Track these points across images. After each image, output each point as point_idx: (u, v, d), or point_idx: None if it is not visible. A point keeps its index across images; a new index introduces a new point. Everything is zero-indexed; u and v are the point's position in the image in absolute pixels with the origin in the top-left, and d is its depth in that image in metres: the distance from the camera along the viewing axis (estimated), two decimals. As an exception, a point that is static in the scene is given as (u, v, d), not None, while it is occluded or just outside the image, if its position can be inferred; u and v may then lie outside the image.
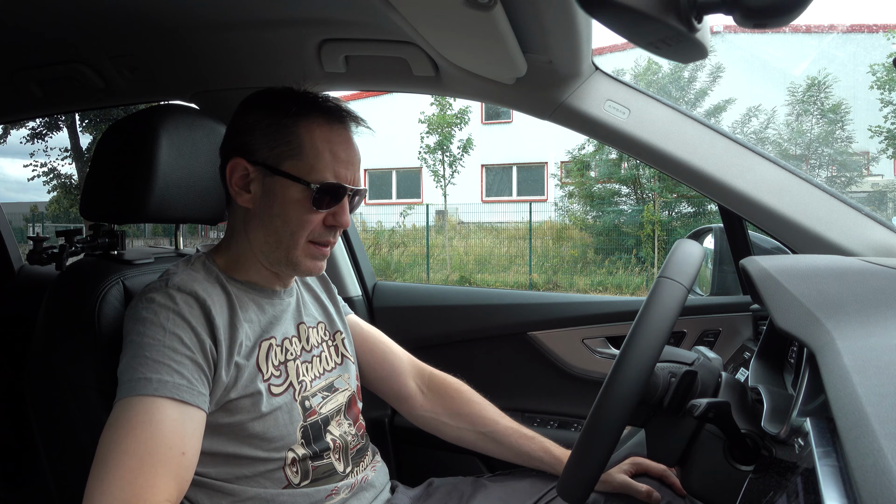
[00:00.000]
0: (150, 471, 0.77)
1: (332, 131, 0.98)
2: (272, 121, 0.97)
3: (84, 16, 1.24)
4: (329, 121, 0.98)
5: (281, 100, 0.98)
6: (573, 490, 0.75)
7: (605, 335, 1.63)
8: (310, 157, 0.95)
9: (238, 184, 0.99)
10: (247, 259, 1.02)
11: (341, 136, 0.99)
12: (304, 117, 0.96)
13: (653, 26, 0.53)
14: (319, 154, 0.95)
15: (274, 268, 1.02)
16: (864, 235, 1.08)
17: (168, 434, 0.80)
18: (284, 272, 1.03)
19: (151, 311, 0.88)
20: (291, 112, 0.96)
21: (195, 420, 0.85)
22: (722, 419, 0.77)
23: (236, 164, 0.98)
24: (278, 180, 0.96)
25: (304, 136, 0.96)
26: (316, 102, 0.99)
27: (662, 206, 11.78)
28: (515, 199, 16.10)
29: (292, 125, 0.96)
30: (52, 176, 16.27)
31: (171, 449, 0.80)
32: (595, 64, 1.21)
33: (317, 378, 1.06)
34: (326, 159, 0.96)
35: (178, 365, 0.85)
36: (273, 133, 0.97)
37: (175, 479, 0.80)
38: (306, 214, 0.96)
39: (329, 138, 0.97)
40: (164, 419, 0.81)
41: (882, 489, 0.35)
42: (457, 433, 1.25)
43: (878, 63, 12.25)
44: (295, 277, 1.12)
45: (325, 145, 0.96)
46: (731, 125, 12.25)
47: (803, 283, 0.70)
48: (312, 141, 0.96)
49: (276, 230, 0.97)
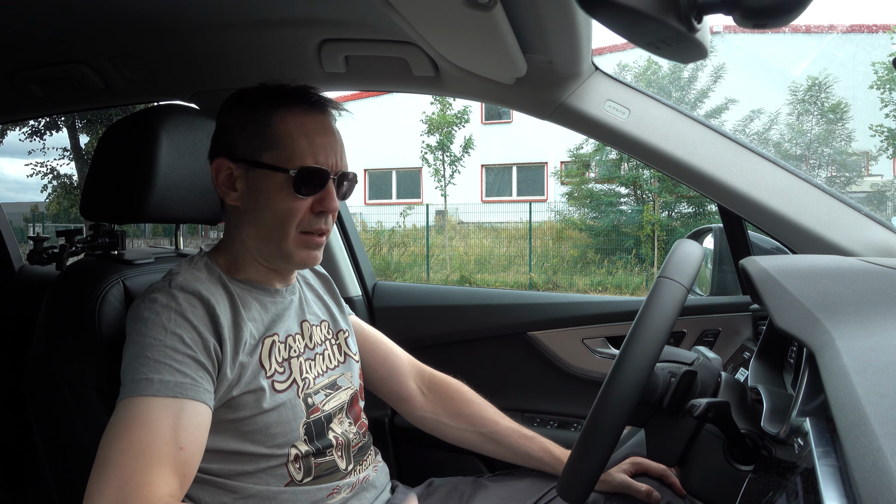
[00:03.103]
0: (145, 468, 0.77)
1: (306, 118, 0.98)
2: (248, 116, 0.99)
3: (84, 16, 1.24)
4: (303, 109, 0.98)
5: (255, 95, 1.00)
6: (573, 490, 0.76)
7: (605, 335, 1.63)
8: (287, 146, 0.96)
9: (225, 183, 1.00)
10: (244, 258, 1.02)
11: (317, 121, 0.99)
12: (278, 108, 0.98)
13: (653, 26, 0.53)
14: (295, 141, 0.96)
15: (269, 263, 1.02)
16: (863, 235, 1.08)
17: (164, 430, 0.80)
18: (280, 266, 1.03)
19: (154, 311, 0.89)
20: (265, 105, 0.98)
21: (199, 415, 0.85)
22: (721, 419, 0.77)
23: (220, 164, 1.00)
24: (260, 173, 0.97)
25: (279, 126, 0.97)
26: (289, 92, 0.99)
27: (662, 207, 11.78)
28: (515, 200, 16.10)
29: (267, 117, 0.97)
30: (51, 177, 16.28)
31: (167, 445, 0.79)
32: (595, 64, 1.21)
33: (320, 375, 1.06)
34: (303, 146, 0.96)
35: (180, 364, 0.85)
36: (250, 128, 0.98)
37: (174, 474, 0.80)
38: (291, 203, 0.96)
39: (303, 124, 0.97)
40: (161, 417, 0.81)
41: (882, 489, 0.35)
42: (457, 434, 1.25)
43: (879, 62, 12.25)
44: (296, 275, 1.12)
45: (301, 131, 0.97)
46: (732, 127, 12.24)
47: (803, 283, 0.70)
48: (287, 130, 0.97)
49: (265, 224, 0.98)
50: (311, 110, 0.99)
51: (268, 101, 0.98)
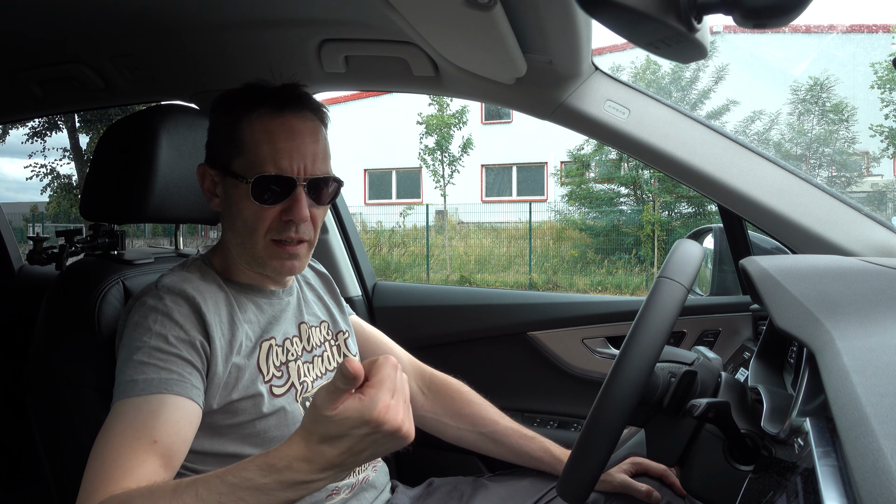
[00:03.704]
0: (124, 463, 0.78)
1: (272, 122, 0.94)
2: (222, 122, 0.99)
3: (84, 16, 1.24)
4: (271, 112, 0.94)
5: (231, 99, 0.98)
6: (573, 490, 0.76)
7: (605, 335, 1.62)
8: (250, 153, 0.94)
9: (209, 189, 1.01)
10: (235, 262, 1.03)
11: (284, 125, 0.94)
12: (246, 112, 0.95)
13: (653, 26, 0.53)
14: (258, 147, 0.94)
15: (250, 269, 1.02)
16: (863, 235, 1.08)
17: (139, 426, 0.81)
18: (263, 272, 1.02)
19: (141, 314, 0.90)
20: (239, 108, 0.96)
21: (181, 409, 0.85)
22: (722, 419, 0.77)
23: (204, 170, 1.01)
24: (230, 180, 0.97)
25: (245, 131, 0.95)
26: (261, 94, 0.96)
27: (662, 207, 11.78)
28: (515, 200, 16.10)
29: (235, 123, 0.96)
30: (51, 177, 16.26)
31: (140, 440, 0.80)
32: (595, 64, 1.21)
33: (318, 378, 1.06)
34: (265, 152, 0.93)
35: (165, 362, 0.86)
36: (222, 134, 0.98)
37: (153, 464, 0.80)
38: (256, 211, 0.95)
39: (268, 129, 0.94)
40: (137, 415, 0.82)
41: (882, 489, 0.35)
42: (457, 433, 1.25)
43: (879, 62, 12.25)
44: (295, 276, 1.12)
45: (264, 137, 0.94)
46: (733, 128, 12.24)
47: (803, 283, 0.70)
48: (252, 135, 0.94)
49: (238, 230, 0.98)
50: (281, 112, 0.95)
51: (241, 105, 0.96)
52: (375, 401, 0.66)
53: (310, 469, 0.69)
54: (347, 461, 0.69)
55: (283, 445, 0.71)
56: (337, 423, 0.66)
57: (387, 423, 0.66)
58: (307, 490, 0.70)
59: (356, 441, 0.67)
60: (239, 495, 0.69)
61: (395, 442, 0.69)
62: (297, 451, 0.69)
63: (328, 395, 0.66)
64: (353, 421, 0.66)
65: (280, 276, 1.03)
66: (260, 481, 0.69)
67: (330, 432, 0.67)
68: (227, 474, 0.71)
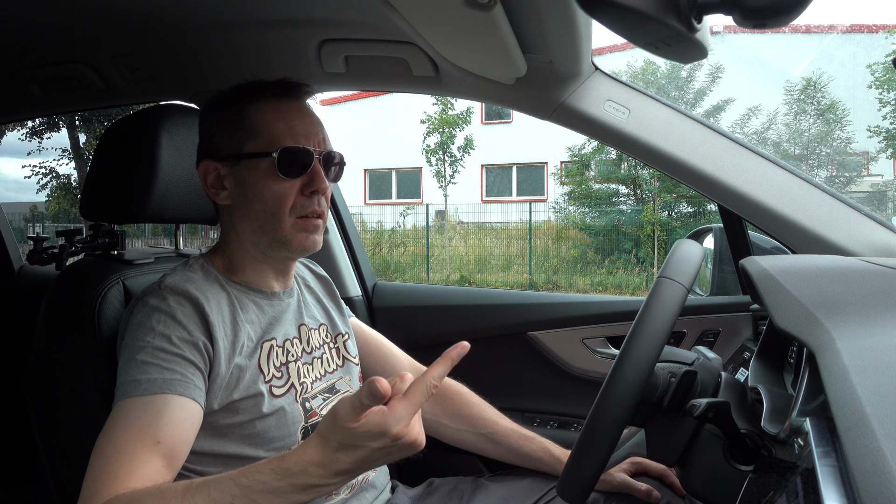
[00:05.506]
0: (128, 462, 0.78)
1: (281, 104, 1.00)
2: (225, 115, 1.00)
3: (84, 16, 1.24)
4: (277, 96, 1.00)
5: (230, 94, 1.02)
6: (573, 490, 0.76)
7: (605, 335, 1.63)
8: (266, 133, 0.97)
9: (214, 185, 1.01)
10: (241, 259, 1.02)
11: (292, 106, 1.00)
12: (253, 100, 0.99)
13: (653, 26, 0.53)
14: (273, 126, 0.97)
15: (269, 255, 1.02)
16: (863, 235, 1.08)
17: (143, 426, 0.81)
18: (280, 256, 1.03)
19: (144, 314, 0.90)
20: (241, 100, 0.99)
21: (184, 410, 0.85)
22: (721, 419, 0.77)
23: (206, 166, 1.01)
24: (245, 164, 0.98)
25: (256, 116, 0.98)
26: (261, 84, 1.01)
27: (662, 207, 11.78)
28: (515, 200, 16.11)
29: (243, 110, 0.99)
30: (50, 177, 16.26)
31: (143, 440, 0.80)
32: (595, 64, 1.21)
33: (317, 380, 1.06)
34: (281, 129, 0.97)
35: (168, 363, 0.86)
36: (228, 125, 0.99)
37: (155, 464, 0.80)
38: (280, 187, 0.96)
39: (279, 110, 0.99)
40: (141, 415, 0.82)
41: (882, 489, 0.35)
42: (457, 434, 1.25)
43: (878, 63, 12.24)
44: (295, 277, 1.12)
45: (277, 117, 0.98)
46: (729, 126, 12.24)
47: (803, 283, 0.70)
48: (264, 117, 0.98)
49: (258, 215, 0.98)
50: (286, 97, 1.01)
51: (243, 96, 1.00)
52: (399, 418, 0.69)
53: (323, 474, 0.72)
54: (360, 468, 0.72)
55: (298, 450, 0.73)
56: (357, 434, 0.69)
57: (405, 437, 0.70)
58: (318, 493, 0.73)
59: (372, 451, 0.70)
60: (252, 497, 0.71)
61: (407, 451, 0.73)
62: (313, 457, 0.72)
63: (352, 408, 0.69)
64: (372, 434, 0.69)
65: (303, 254, 1.03)
66: (274, 484, 0.72)
67: (349, 441, 0.70)
68: (241, 476, 0.73)
